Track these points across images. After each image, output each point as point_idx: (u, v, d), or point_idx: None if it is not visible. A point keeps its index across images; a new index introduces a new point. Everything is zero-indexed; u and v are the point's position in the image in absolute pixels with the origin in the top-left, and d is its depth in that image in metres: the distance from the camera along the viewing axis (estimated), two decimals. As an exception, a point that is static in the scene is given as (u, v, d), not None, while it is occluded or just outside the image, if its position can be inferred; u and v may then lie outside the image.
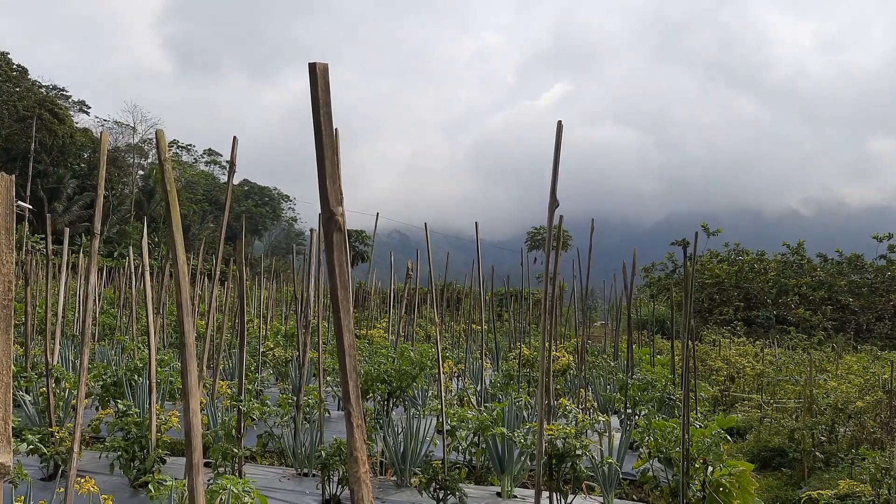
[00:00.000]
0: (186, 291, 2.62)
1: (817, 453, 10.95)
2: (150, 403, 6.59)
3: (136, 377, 8.36)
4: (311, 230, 7.50)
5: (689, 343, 6.19)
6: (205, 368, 9.58)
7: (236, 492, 3.67)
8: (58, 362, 10.96)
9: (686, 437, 5.58)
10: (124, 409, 6.91)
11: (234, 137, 4.24)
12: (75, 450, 4.04)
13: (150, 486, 4.24)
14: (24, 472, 4.71)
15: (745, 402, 16.22)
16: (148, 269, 6.72)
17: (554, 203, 3.08)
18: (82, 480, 4.17)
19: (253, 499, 3.75)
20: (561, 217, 6.31)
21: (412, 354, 7.93)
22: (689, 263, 5.97)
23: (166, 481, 4.19)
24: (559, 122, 3.14)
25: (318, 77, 1.78)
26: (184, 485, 4.15)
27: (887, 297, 34.33)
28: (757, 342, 23.83)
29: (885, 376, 12.38)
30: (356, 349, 2.16)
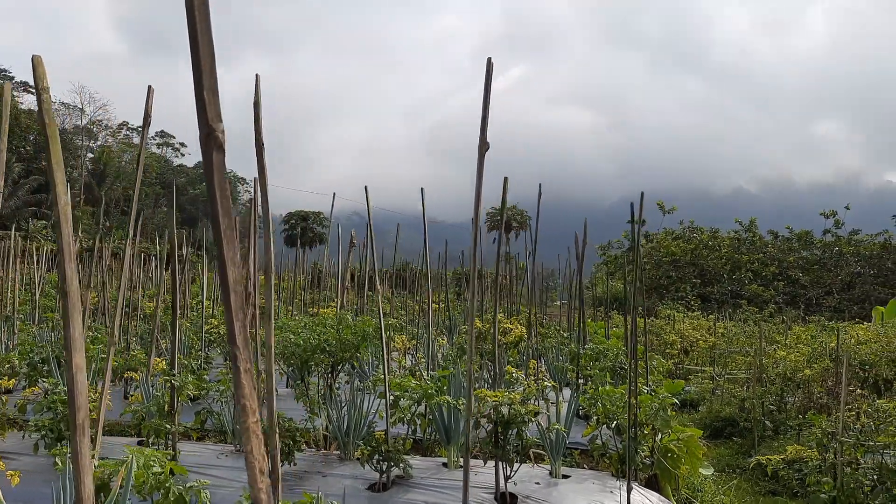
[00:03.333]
0: (69, 235, 2.36)
1: (767, 422, 11.07)
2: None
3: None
4: (250, 200, 7.17)
5: (639, 310, 6.07)
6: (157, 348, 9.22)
7: (142, 461, 3.41)
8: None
9: (633, 402, 5.47)
10: (51, 387, 6.54)
11: (150, 87, 3.92)
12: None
13: (57, 458, 3.96)
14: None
15: (699, 374, 16.40)
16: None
17: (484, 146, 2.87)
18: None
19: (163, 469, 3.49)
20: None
21: (352, 321, 7.68)
22: (635, 227, 5.83)
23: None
24: (489, 60, 2.93)
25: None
26: (92, 455, 3.87)
27: (835, 272, 35.17)
28: (710, 316, 24.16)
29: (832, 345, 12.55)
30: (244, 285, 1.88)
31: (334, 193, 11.78)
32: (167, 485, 3.49)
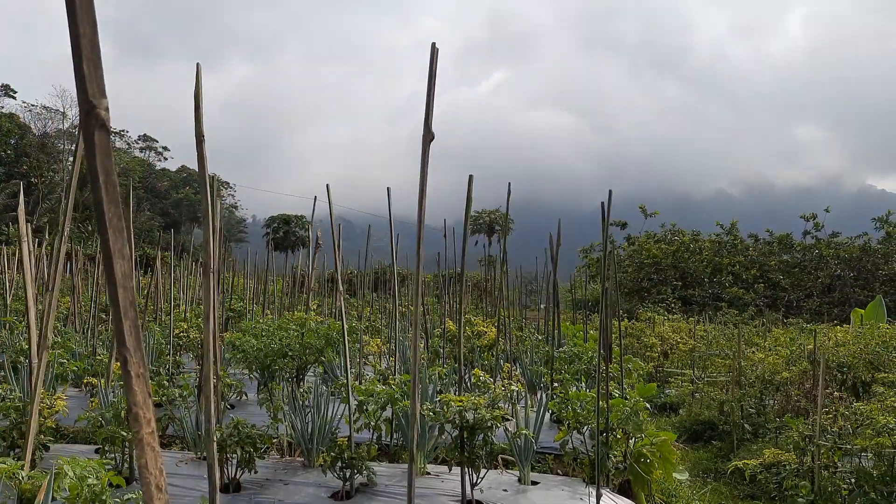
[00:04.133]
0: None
1: (746, 425, 10.97)
2: (30, 386, 6.00)
3: (21, 359, 7.71)
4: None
5: (611, 309, 5.91)
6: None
7: (73, 474, 3.19)
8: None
9: (604, 406, 5.31)
10: (4, 393, 6.29)
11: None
12: None
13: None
14: None
15: (679, 377, 16.28)
16: (27, 240, 6.09)
17: (428, 135, 2.70)
18: None
19: (99, 479, 3.29)
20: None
21: (313, 325, 7.47)
22: (606, 226, 5.68)
23: (19, 472, 3.68)
24: (433, 45, 2.76)
25: None
26: (20, 466, 3.66)
27: (815, 274, 35.30)
28: (691, 319, 24.10)
29: (810, 347, 12.49)
30: (133, 280, 1.67)
31: (315, 197, 11.56)
32: (103, 497, 3.29)
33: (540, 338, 11.73)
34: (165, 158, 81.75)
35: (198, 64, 3.63)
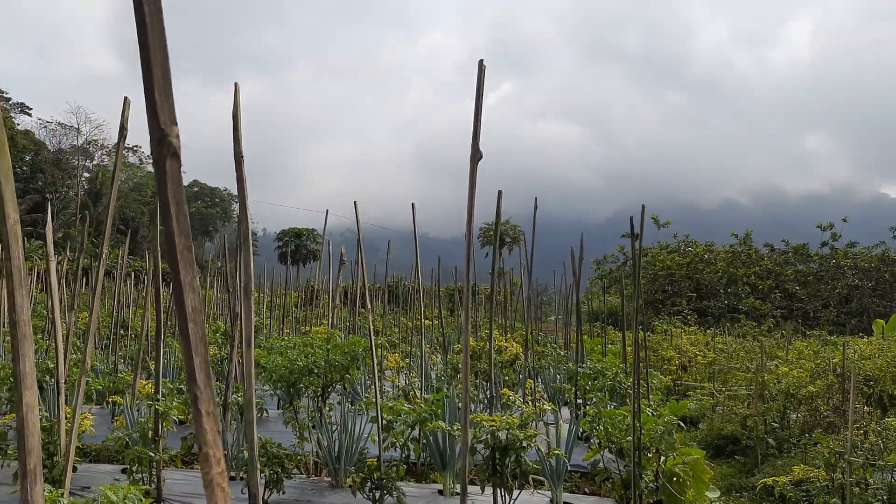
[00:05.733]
0: (19, 257, 2.13)
1: (770, 440, 10.82)
2: (57, 406, 5.98)
3: (47, 378, 7.70)
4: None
5: (640, 326, 5.85)
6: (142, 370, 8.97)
7: (115, 500, 3.16)
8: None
9: (637, 425, 5.23)
10: (30, 413, 6.26)
11: (126, 99, 3.71)
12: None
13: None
14: None
15: (698, 390, 16.12)
16: (53, 259, 6.10)
17: (477, 155, 2.66)
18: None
19: (139, 508, 3.25)
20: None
21: (340, 341, 7.42)
22: (635, 243, 5.63)
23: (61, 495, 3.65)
24: (480, 62, 2.73)
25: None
26: (60, 494, 3.62)
27: (832, 284, 35.02)
28: (708, 331, 23.92)
29: (836, 360, 12.33)
30: (203, 313, 1.62)
31: (327, 210, 11.59)
32: (142, 524, 3.25)
33: (562, 353, 11.64)
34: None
35: (236, 84, 3.62)
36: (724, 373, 15.83)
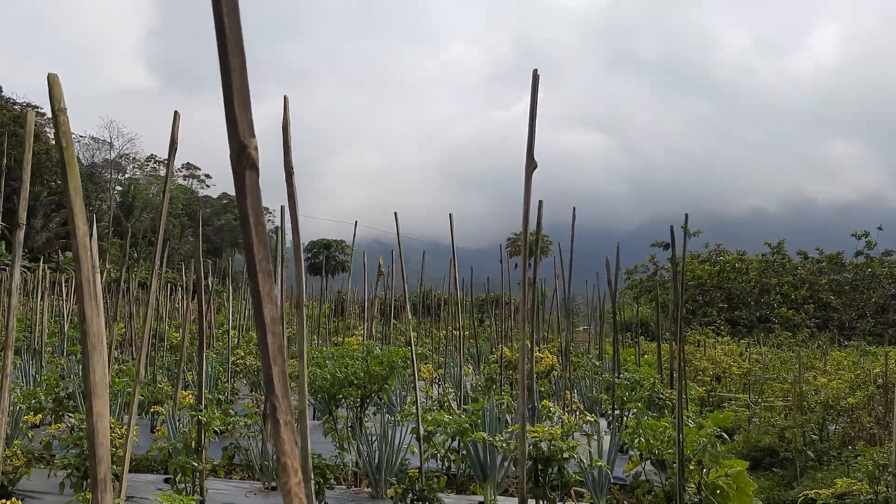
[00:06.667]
0: (89, 269, 2.18)
1: (809, 452, 10.66)
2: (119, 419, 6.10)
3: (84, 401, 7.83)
4: (276, 227, 7.06)
5: (680, 337, 5.81)
6: (183, 380, 9.12)
7: (173, 510, 3.22)
8: (17, 377, 10.40)
9: (681, 437, 5.20)
10: (77, 422, 6.39)
11: (176, 112, 3.81)
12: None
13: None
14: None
15: (732, 402, 15.92)
16: (97, 270, 6.23)
17: (531, 164, 2.69)
18: (7, 502, 3.70)
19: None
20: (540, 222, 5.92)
21: (379, 352, 7.47)
22: (675, 256, 5.60)
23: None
24: (535, 71, 2.76)
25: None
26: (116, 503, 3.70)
27: (868, 294, 34.39)
28: (742, 341, 23.61)
29: (876, 371, 12.11)
30: (281, 324, 1.66)
31: (356, 221, 11.68)
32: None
33: (597, 363, 11.59)
34: (207, 186, 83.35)
35: (285, 97, 3.69)
36: (760, 384, 15.61)
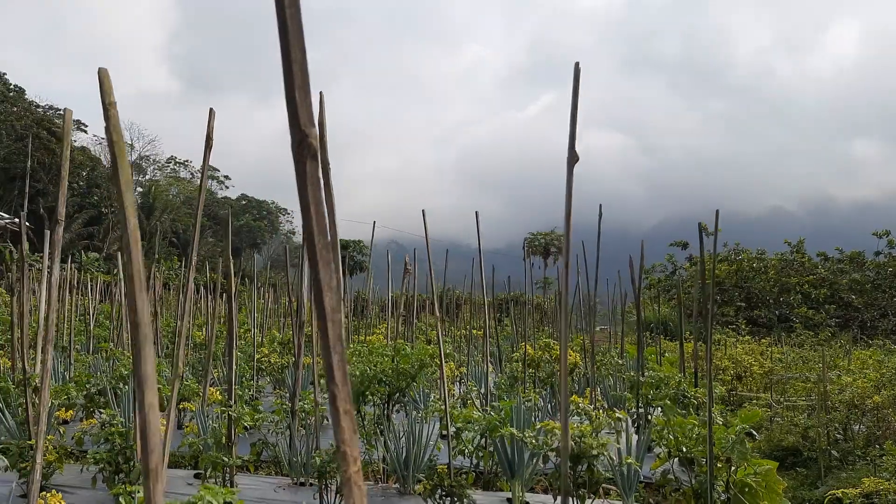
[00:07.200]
0: (138, 261, 2.24)
1: (833, 451, 10.60)
2: (135, 411, 6.19)
3: (121, 385, 7.95)
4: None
5: (708, 335, 5.80)
6: (210, 377, 9.20)
7: (214, 501, 3.28)
8: (49, 375, 10.54)
9: (710, 433, 5.19)
10: (108, 418, 6.49)
11: (211, 110, 3.86)
12: (38, 460, 3.63)
13: (120, 498, 3.84)
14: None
15: (754, 401, 15.83)
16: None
17: (573, 157, 2.70)
18: (48, 495, 3.77)
19: (237, 509, 3.36)
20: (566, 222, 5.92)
21: (409, 350, 7.53)
22: (703, 252, 5.59)
23: (137, 492, 3.80)
24: (576, 64, 2.77)
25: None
26: None
27: (890, 293, 34.02)
28: (762, 341, 23.45)
29: (902, 370, 12.01)
30: (341, 313, 1.70)
31: (374, 222, 11.71)
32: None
33: (620, 361, 11.59)
34: (227, 187, 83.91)
35: (321, 93, 3.74)
36: (783, 383, 15.52)
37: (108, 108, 2.56)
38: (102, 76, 2.59)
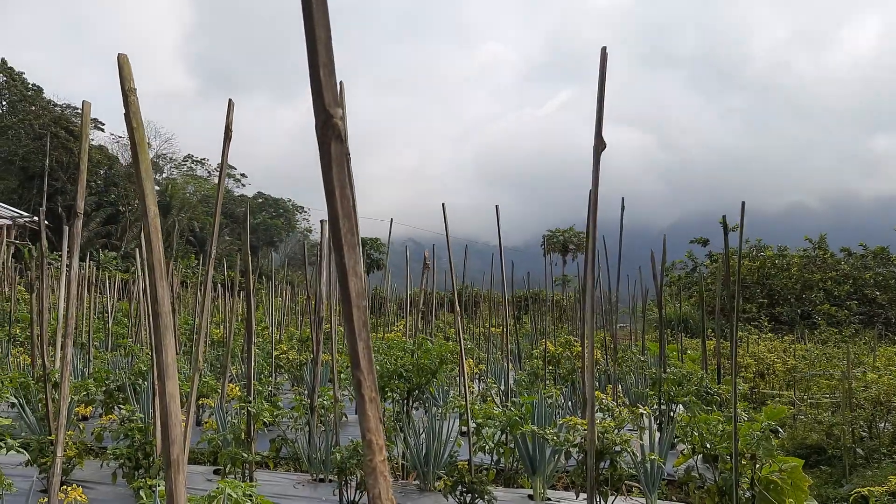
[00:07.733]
0: (159, 250, 2.19)
1: (858, 449, 10.44)
2: (154, 406, 6.19)
3: (140, 381, 7.96)
4: (322, 221, 7.08)
5: (733, 332, 5.70)
6: (228, 374, 9.23)
7: (235, 496, 3.24)
8: (69, 369, 10.61)
9: (735, 429, 5.10)
10: (127, 414, 6.49)
11: (230, 101, 3.82)
12: (59, 454, 3.61)
13: (140, 491, 3.81)
14: (8, 481, 4.29)
15: (776, 399, 15.62)
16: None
17: (600, 145, 2.64)
18: (68, 489, 3.76)
19: (254, 503, 3.32)
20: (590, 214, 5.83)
21: (430, 345, 7.47)
22: (727, 248, 5.48)
23: (158, 486, 3.77)
24: (603, 49, 2.71)
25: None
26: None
27: (915, 289, 33.48)
28: (785, 338, 23.15)
29: (929, 367, 11.79)
30: (366, 299, 1.64)
31: (392, 219, 11.66)
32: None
33: (641, 358, 11.48)
34: (243, 185, 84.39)
35: (341, 82, 3.69)
36: (807, 380, 15.30)
37: (128, 94, 2.50)
38: (122, 62, 2.53)
